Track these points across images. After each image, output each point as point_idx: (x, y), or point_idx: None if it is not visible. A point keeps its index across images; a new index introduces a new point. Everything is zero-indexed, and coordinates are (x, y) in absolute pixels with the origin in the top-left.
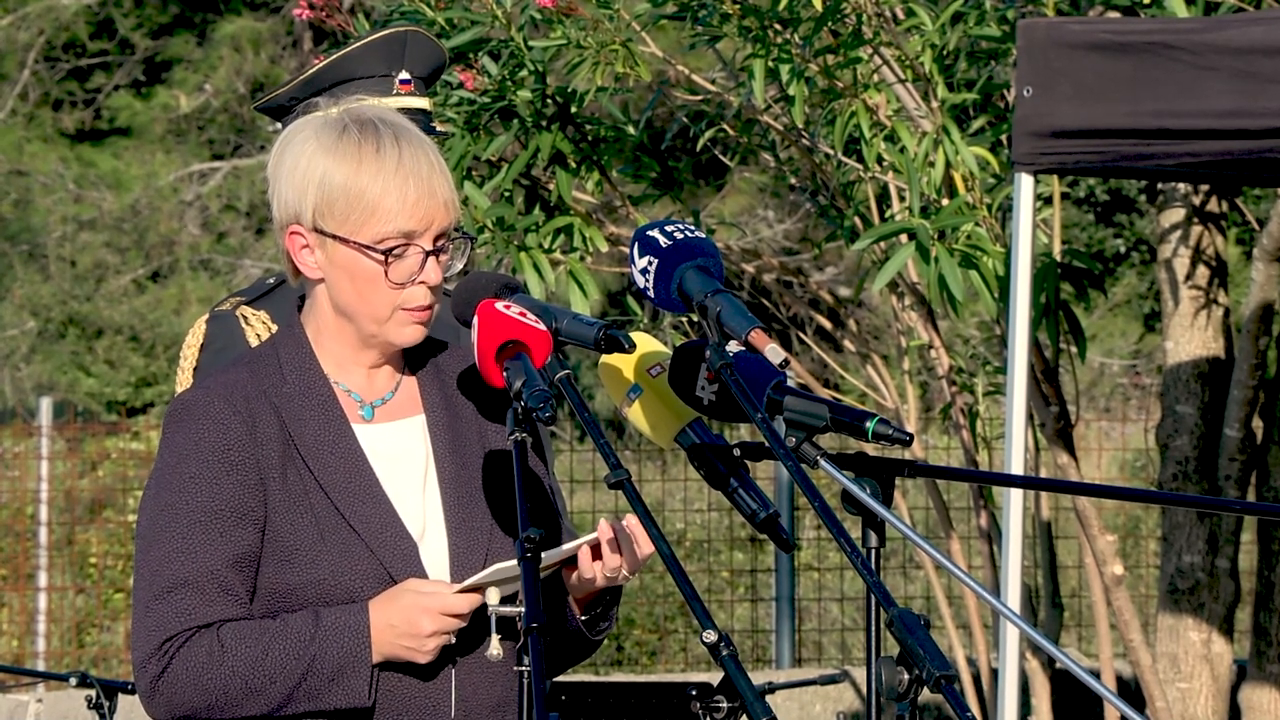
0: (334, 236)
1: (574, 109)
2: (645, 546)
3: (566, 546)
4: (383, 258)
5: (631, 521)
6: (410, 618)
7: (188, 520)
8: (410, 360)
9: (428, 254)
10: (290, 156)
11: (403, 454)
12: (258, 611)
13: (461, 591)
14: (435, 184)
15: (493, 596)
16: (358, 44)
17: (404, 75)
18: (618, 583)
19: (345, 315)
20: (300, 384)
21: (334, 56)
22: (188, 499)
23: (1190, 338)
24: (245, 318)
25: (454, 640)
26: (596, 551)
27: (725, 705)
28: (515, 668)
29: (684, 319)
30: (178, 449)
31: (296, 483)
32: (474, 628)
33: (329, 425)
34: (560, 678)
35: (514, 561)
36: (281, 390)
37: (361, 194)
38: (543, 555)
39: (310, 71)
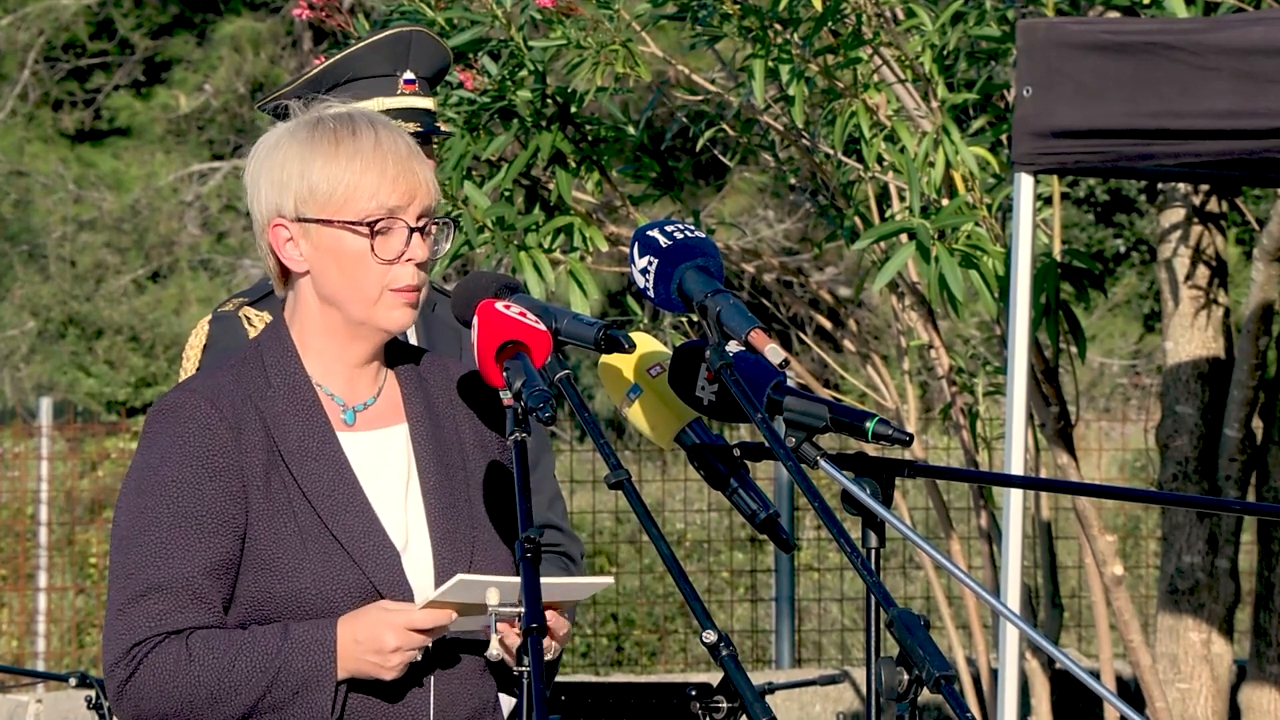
0: (318, 220)
1: (574, 109)
2: (560, 631)
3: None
4: (368, 230)
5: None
6: (375, 633)
7: (167, 525)
8: (392, 365)
9: (412, 230)
10: (267, 159)
11: (385, 463)
12: (237, 620)
13: (425, 608)
14: (414, 164)
15: (493, 597)
16: (362, 43)
17: (408, 75)
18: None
19: (333, 304)
20: (285, 388)
21: (338, 56)
22: (168, 503)
23: (1190, 338)
24: (248, 318)
25: (420, 658)
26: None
27: (725, 706)
28: (516, 669)
29: (684, 319)
30: (160, 450)
31: (280, 490)
32: (449, 641)
33: (313, 432)
34: (560, 678)
35: (475, 576)
36: (266, 394)
37: (342, 175)
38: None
39: (314, 71)
